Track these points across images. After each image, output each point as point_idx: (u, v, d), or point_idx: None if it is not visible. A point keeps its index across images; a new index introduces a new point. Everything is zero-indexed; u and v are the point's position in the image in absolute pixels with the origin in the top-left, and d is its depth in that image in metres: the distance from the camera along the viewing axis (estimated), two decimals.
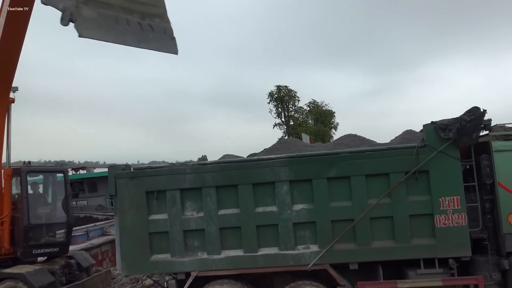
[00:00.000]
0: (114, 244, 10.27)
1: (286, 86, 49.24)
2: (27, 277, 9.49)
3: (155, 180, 8.35)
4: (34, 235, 10.50)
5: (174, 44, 7.68)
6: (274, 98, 49.30)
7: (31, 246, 10.42)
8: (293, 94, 49.55)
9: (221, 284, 8.13)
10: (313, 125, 48.66)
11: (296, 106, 50.51)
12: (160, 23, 7.39)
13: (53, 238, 10.71)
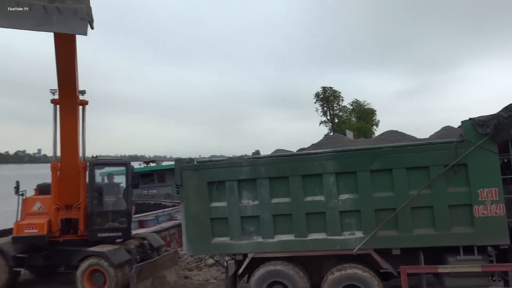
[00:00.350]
0: (181, 227, 10.48)
1: (331, 87, 48.68)
2: (108, 255, 9.84)
3: (215, 172, 8.44)
4: (98, 220, 10.76)
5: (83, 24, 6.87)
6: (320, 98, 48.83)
7: (96, 230, 10.72)
8: (337, 94, 48.91)
9: (274, 265, 8.14)
10: (356, 123, 47.84)
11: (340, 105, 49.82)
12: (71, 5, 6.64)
13: (115, 224, 10.84)
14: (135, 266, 9.66)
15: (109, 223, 10.79)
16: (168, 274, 10.75)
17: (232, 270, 8.47)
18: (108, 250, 9.97)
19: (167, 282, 10.51)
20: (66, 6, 6.63)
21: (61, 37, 9.25)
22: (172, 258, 11.29)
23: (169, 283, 10.57)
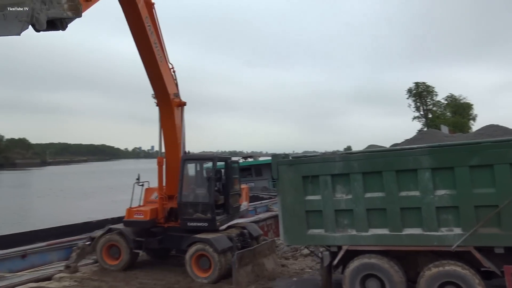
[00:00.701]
0: (277, 218, 10.57)
1: (424, 82, 46.03)
2: (212, 242, 10.22)
3: (310, 167, 8.37)
4: (187, 210, 11.07)
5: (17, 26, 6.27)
6: (413, 94, 46.38)
7: (185, 219, 11.04)
8: (430, 89, 46.12)
9: (369, 258, 7.87)
10: (451, 117, 44.67)
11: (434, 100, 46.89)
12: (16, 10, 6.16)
13: (202, 215, 10.97)
14: (237, 253, 9.94)
15: (196, 213, 11.01)
16: (267, 261, 10.91)
17: (327, 261, 8.35)
18: (212, 237, 10.37)
19: (265, 269, 10.67)
20: (12, 11, 6.21)
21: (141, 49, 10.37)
22: (270, 247, 11.43)
23: (267, 270, 10.72)
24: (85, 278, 10.32)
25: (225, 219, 11.43)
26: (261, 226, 14.91)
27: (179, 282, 10.11)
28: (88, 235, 12.54)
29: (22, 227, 25.43)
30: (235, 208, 11.90)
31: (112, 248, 11.36)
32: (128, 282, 10.07)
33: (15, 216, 34.27)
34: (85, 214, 31.85)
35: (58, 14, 6.86)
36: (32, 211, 37.12)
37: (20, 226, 27.16)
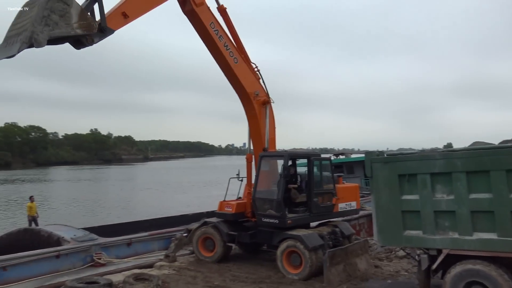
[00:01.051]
0: (370, 218, 10.24)
1: None
2: (303, 238, 10.18)
3: (407, 165, 7.96)
4: (260, 206, 11.15)
5: (15, 47, 6.93)
6: None
7: (260, 215, 11.10)
8: None
9: (473, 264, 7.26)
10: None
11: None
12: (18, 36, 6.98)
13: (273, 211, 10.85)
14: (328, 251, 9.80)
15: (269, 210, 10.98)
16: (359, 261, 10.61)
17: (425, 265, 7.87)
18: (303, 234, 10.33)
19: (358, 269, 10.39)
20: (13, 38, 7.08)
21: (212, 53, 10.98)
22: (363, 246, 11.10)
23: (359, 270, 10.43)
24: (182, 268, 10.90)
25: (305, 217, 11.11)
26: (353, 225, 14.53)
27: (270, 277, 10.24)
28: (185, 227, 13.24)
29: (127, 217, 27.69)
30: (323, 207, 11.42)
31: (207, 241, 11.85)
32: (222, 274, 10.43)
33: (122, 207, 37.41)
34: (181, 207, 33.75)
35: (65, 33, 7.57)
36: (135, 203, 40.20)
37: (126, 216, 29.60)
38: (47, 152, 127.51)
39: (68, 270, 10.86)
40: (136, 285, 8.63)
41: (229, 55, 11.01)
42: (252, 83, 11.70)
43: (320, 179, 11.74)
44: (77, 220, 24.85)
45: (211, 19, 10.79)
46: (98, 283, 8.58)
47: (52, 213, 32.44)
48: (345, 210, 12.00)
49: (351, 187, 12.71)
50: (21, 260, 10.22)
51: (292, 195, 11.20)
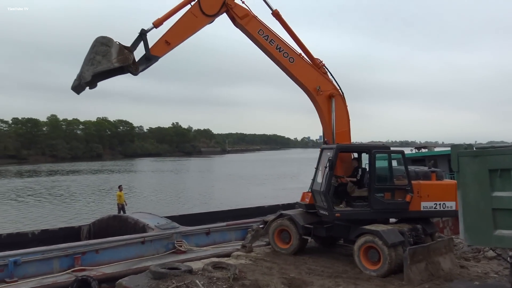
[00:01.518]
0: None
1: None
2: (382, 234, 9.83)
3: (499, 159, 7.33)
4: (316, 198, 11.42)
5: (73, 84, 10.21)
6: None
7: (317, 207, 11.43)
8: None
9: None
10: None
11: None
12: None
13: (323, 204, 11.01)
14: (409, 248, 9.39)
15: (320, 202, 11.20)
16: (443, 261, 10.04)
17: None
18: (382, 230, 9.98)
19: (441, 269, 9.84)
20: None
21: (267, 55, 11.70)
22: (447, 245, 10.49)
23: (443, 270, 9.87)
24: (258, 258, 11.06)
25: (362, 212, 10.77)
26: (437, 222, 13.80)
27: (346, 271, 10.05)
28: (261, 218, 13.42)
29: (205, 208, 28.76)
30: (390, 204, 10.77)
31: (283, 233, 11.90)
32: (298, 266, 10.43)
33: (201, 197, 38.89)
34: (258, 199, 34.28)
35: (105, 67, 10.07)
36: (213, 193, 41.57)
37: (204, 206, 30.76)
38: (133, 145, 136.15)
39: (152, 255, 11.53)
40: (215, 273, 8.90)
41: (283, 56, 11.55)
42: (312, 78, 11.84)
43: (389, 174, 11.12)
44: (160, 209, 26.30)
45: (258, 27, 11.45)
46: (179, 269, 8.96)
47: (137, 201, 34.63)
48: (432, 210, 10.82)
49: (444, 185, 11.04)
50: (110, 245, 11.03)
51: (348, 189, 11.11)
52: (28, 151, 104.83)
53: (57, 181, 53.23)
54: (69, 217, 27.98)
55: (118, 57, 10.04)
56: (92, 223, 14.81)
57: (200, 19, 11.16)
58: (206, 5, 11.12)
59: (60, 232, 13.85)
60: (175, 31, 10.96)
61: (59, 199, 37.33)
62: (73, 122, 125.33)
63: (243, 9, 11.43)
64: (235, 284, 8.45)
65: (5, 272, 9.33)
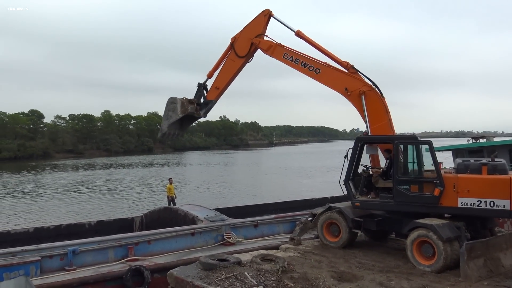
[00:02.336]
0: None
1: None
2: (436, 228, 9.50)
3: None
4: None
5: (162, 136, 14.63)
6: None
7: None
8: None
9: None
10: None
11: None
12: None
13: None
14: (466, 243, 9.01)
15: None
16: (503, 257, 9.54)
17: None
18: (437, 224, 9.63)
19: (501, 265, 9.36)
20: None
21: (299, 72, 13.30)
22: (508, 240, 9.96)
23: (504, 266, 9.39)
24: (307, 252, 11.02)
25: (383, 204, 10.92)
26: None
27: (399, 266, 9.80)
28: (309, 211, 13.34)
29: (253, 200, 29.00)
30: (416, 197, 10.35)
31: (332, 226, 11.78)
32: (347, 260, 10.29)
33: (249, 190, 39.24)
34: (305, 191, 34.13)
35: (174, 119, 14.09)
36: (261, 186, 41.80)
37: (252, 199, 31.01)
38: (182, 138, 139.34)
39: (202, 247, 11.80)
40: (263, 265, 8.97)
41: (309, 70, 12.89)
42: (338, 82, 12.61)
43: (416, 165, 10.72)
44: (209, 201, 26.81)
45: (282, 52, 13.27)
46: (228, 260, 9.10)
47: (187, 194, 35.51)
48: (474, 208, 9.77)
49: (492, 180, 9.74)
50: (162, 236, 11.39)
51: (372, 180, 11.42)
52: (84, 145, 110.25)
53: (111, 174, 55.62)
54: (122, 209, 29.18)
55: (181, 109, 13.97)
56: (144, 215, 15.35)
57: (237, 62, 13.82)
58: (239, 48, 13.71)
59: (115, 223, 14.49)
60: (221, 77, 14.06)
61: (113, 191, 38.99)
62: (125, 117, 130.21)
63: (267, 43, 13.49)
64: (283, 277, 8.47)
65: (65, 261, 9.90)
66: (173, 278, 8.73)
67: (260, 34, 13.63)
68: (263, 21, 13.63)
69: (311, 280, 8.46)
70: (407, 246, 10.02)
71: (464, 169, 10.23)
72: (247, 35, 13.72)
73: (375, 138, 12.02)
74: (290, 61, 13.13)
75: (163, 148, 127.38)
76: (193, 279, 8.37)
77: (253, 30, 13.71)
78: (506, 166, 10.10)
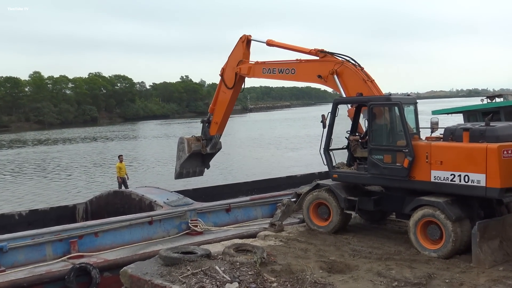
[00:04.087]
0: None
1: None
2: (445, 206, 9.73)
3: None
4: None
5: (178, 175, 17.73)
6: None
7: None
8: None
9: None
10: None
11: None
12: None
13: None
14: (479, 223, 9.31)
15: None
16: None
17: None
18: (445, 201, 9.88)
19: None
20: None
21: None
22: None
23: None
24: (291, 239, 11.20)
25: (357, 176, 11.52)
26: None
27: (400, 252, 10.09)
28: (293, 190, 13.50)
29: (225, 180, 29.09)
30: (387, 169, 10.64)
31: (321, 207, 11.98)
32: (339, 248, 10.52)
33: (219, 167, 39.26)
34: (289, 167, 34.42)
35: (184, 158, 17.15)
36: (234, 162, 41.89)
37: (223, 178, 31.11)
38: (134, 105, 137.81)
39: (162, 238, 11.86)
40: (238, 257, 9.08)
41: (286, 74, 15.15)
42: (311, 73, 14.52)
43: (390, 131, 11.03)
44: (169, 182, 26.71)
45: (260, 69, 15.65)
46: (195, 253, 9.18)
47: (142, 174, 35.36)
48: (447, 183, 9.85)
49: (466, 149, 9.67)
50: (112, 226, 11.38)
51: (351, 148, 11.98)
52: (9, 117, 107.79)
53: (45, 152, 54.71)
54: (62, 194, 28.87)
55: (188, 148, 17.02)
56: (89, 201, 15.25)
57: (227, 93, 16.62)
58: (227, 80, 16.52)
59: (52, 212, 14.37)
60: (217, 111, 17.09)
61: (49, 173, 38.45)
62: (61, 80, 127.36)
63: (245, 67, 15.97)
64: (263, 270, 8.61)
65: None
66: (128, 276, 8.76)
67: (241, 61, 16.16)
68: (241, 48, 16.20)
69: (296, 272, 8.62)
70: (410, 228, 10.28)
71: (448, 135, 10.29)
72: (232, 65, 16.38)
73: (351, 100, 12.67)
74: (269, 74, 15.51)
75: (111, 118, 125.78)
76: (152, 277, 8.42)
77: (235, 58, 16.33)
78: (503, 131, 9.79)
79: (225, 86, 16.59)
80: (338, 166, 12.03)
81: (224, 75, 16.60)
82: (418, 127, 11.24)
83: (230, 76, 16.41)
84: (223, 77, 16.66)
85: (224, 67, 16.68)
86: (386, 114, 11.10)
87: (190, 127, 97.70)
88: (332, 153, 12.06)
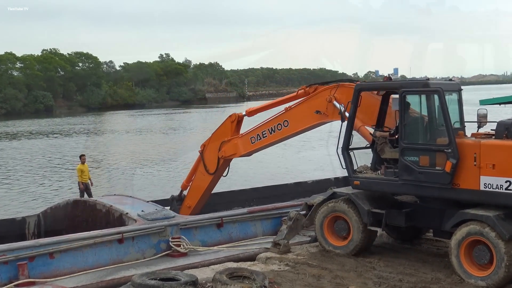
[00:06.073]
0: None
1: None
2: (495, 222, 9.71)
3: None
4: None
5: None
6: None
7: None
8: None
9: None
10: None
11: None
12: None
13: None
14: None
15: None
16: None
17: None
18: (496, 215, 9.86)
19: None
20: None
21: None
22: None
23: None
24: (299, 263, 11.24)
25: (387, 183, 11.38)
26: None
27: (439, 281, 10.16)
28: (302, 201, 13.51)
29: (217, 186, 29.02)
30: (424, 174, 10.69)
31: (338, 222, 12.00)
32: (361, 274, 10.56)
33: None
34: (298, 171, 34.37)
35: None
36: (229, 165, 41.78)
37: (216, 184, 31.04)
38: (100, 91, 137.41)
39: (136, 260, 11.87)
40: (232, 285, 9.09)
41: (279, 130, 15.15)
42: (308, 115, 14.64)
43: (431, 125, 11.02)
44: (145, 190, 26.70)
45: (248, 139, 15.85)
46: (178, 280, 9.19)
47: (110, 178, 35.25)
48: (500, 192, 9.90)
49: None
50: (71, 245, 11.36)
51: (378, 148, 11.76)
52: None
53: None
54: (7, 204, 28.83)
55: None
56: (42, 213, 15.26)
57: (207, 178, 16.60)
58: (208, 162, 16.50)
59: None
60: (191, 194, 17.09)
61: None
62: (6, 58, 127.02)
63: (230, 148, 16.16)
64: None
65: None
66: None
67: (224, 141, 16.38)
68: (229, 128, 16.54)
69: None
70: (451, 249, 10.32)
71: (501, 131, 10.27)
72: (214, 147, 16.46)
73: (377, 85, 12.71)
74: (260, 141, 15.67)
75: (70, 108, 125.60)
76: None
77: (219, 138, 16.48)
78: None
79: (205, 168, 16.63)
80: (360, 170, 12.00)
81: (205, 154, 16.70)
82: (463, 120, 11.23)
83: (211, 159, 16.51)
84: (203, 156, 16.71)
85: (205, 143, 16.77)
86: (422, 103, 11.08)
87: (172, 119, 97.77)
88: (353, 154, 11.98)
